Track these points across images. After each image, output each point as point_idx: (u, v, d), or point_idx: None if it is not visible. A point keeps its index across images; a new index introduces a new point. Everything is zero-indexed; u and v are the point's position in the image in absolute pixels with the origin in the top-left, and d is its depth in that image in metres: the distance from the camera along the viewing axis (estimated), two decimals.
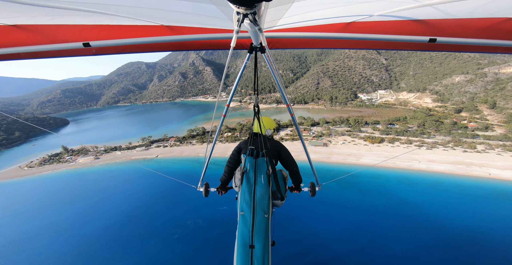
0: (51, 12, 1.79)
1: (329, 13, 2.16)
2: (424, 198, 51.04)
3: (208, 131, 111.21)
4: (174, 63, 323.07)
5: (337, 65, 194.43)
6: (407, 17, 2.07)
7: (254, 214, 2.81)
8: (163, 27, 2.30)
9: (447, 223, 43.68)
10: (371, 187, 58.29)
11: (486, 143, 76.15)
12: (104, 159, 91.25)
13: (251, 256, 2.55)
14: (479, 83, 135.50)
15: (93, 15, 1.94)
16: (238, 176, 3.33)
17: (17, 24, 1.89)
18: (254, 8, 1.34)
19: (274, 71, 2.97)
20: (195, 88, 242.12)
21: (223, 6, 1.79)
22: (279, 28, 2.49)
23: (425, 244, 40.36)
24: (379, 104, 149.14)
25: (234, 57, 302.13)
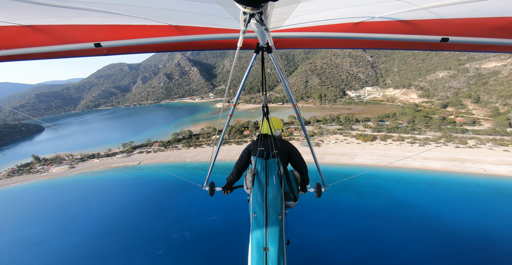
0: (63, 13, 1.84)
1: (336, 13, 2.14)
2: (423, 198, 49.19)
3: (195, 134, 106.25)
4: (159, 64, 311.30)
5: (324, 63, 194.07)
6: (418, 17, 2.04)
7: (267, 216, 2.77)
8: (171, 27, 2.32)
9: (450, 225, 41.84)
10: (368, 188, 55.86)
11: (476, 137, 76.49)
12: (81, 167, 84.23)
13: (265, 258, 2.51)
14: (462, 78, 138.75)
15: (103, 15, 1.98)
16: (249, 178, 3.24)
17: (32, 24, 1.93)
18: (260, 8, 1.35)
19: (280, 71, 2.89)
20: (182, 89, 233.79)
21: (229, 7, 1.83)
22: (286, 28, 2.47)
23: (431, 249, 38.16)
24: (367, 101, 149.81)
25: (221, 57, 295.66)
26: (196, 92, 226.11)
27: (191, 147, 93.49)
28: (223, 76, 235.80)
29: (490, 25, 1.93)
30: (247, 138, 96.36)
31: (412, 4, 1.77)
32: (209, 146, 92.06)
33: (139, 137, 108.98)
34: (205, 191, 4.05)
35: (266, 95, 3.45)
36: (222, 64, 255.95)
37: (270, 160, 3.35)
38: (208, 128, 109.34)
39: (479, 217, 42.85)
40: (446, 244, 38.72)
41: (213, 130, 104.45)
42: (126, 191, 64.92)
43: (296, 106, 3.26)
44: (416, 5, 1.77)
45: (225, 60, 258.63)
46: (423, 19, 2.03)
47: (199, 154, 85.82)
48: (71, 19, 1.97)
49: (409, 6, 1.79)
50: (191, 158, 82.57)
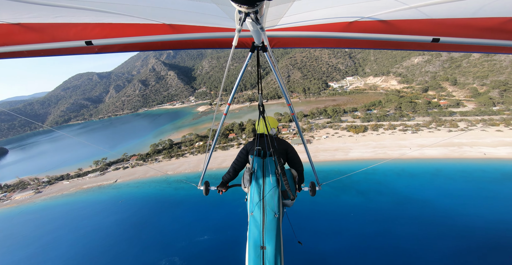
0: (54, 11, 1.82)
1: (330, 12, 2.17)
2: (429, 191, 45.59)
3: (176, 143, 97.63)
4: (133, 71, 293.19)
5: (304, 56, 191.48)
6: (409, 17, 2.06)
7: (264, 214, 2.77)
8: (165, 25, 2.29)
9: (465, 220, 38.08)
10: (369, 185, 51.66)
11: (465, 119, 75.68)
12: (48, 192, 75.76)
13: (262, 257, 2.51)
14: (437, 62, 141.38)
15: (95, 14, 1.97)
16: (246, 177, 3.27)
17: (21, 23, 1.91)
18: (256, 7, 1.35)
19: (276, 70, 2.89)
20: (159, 95, 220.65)
21: (224, 5, 1.84)
22: (281, 27, 2.47)
23: (449, 249, 33.96)
24: (351, 90, 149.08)
25: (199, 58, 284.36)
26: (176, 97, 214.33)
27: (173, 158, 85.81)
28: (203, 78, 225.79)
29: (481, 26, 1.93)
30: (233, 141, 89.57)
31: (403, 3, 1.78)
32: (193, 155, 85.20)
33: (115, 152, 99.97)
34: (200, 192, 4.12)
35: (262, 94, 3.50)
36: (201, 66, 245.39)
37: (267, 159, 3.35)
38: (190, 135, 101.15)
39: (494, 207, 39.64)
40: (465, 240, 34.87)
41: (196, 137, 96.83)
42: (101, 214, 57.64)
43: (291, 105, 3.21)
44: (406, 4, 1.78)
45: (204, 62, 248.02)
46: (415, 19, 2.04)
47: (182, 165, 78.68)
48: (62, 18, 1.94)
49: (400, 5, 1.80)
50: (174, 170, 75.44)
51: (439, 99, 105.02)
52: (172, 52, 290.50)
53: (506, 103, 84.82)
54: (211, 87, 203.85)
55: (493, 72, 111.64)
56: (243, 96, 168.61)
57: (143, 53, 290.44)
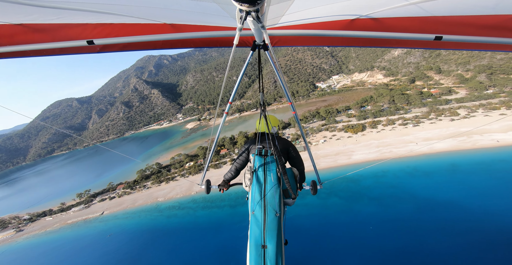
0: (56, 13, 1.86)
1: (331, 10, 2.16)
2: (453, 191, 40.40)
3: (165, 166, 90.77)
4: (114, 93, 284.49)
5: (288, 60, 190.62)
6: (412, 14, 2.04)
7: (265, 213, 2.76)
8: (166, 25, 2.31)
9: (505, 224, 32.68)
10: (382, 190, 46.21)
11: (464, 106, 72.92)
12: (30, 229, 71.47)
13: (263, 256, 2.51)
14: (416, 53, 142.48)
15: (97, 15, 2.01)
16: (248, 176, 3.29)
17: (23, 23, 1.94)
18: (257, 6, 1.35)
19: (277, 69, 2.90)
20: (145, 116, 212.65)
21: (225, 4, 1.86)
22: (282, 25, 2.48)
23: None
24: (339, 89, 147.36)
25: (183, 73, 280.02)
26: (163, 116, 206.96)
27: (163, 183, 79.08)
28: (189, 93, 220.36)
29: (484, 24, 1.90)
30: (225, 158, 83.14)
31: (405, 0, 1.76)
32: (184, 177, 78.81)
33: (100, 181, 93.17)
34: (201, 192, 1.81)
35: (263, 93, 3.59)
36: (185, 81, 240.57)
37: (268, 158, 3.32)
38: (179, 156, 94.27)
39: None
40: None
41: (185, 158, 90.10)
42: (88, 250, 52.86)
43: (293, 103, 3.20)
44: (408, 1, 1.76)
45: (187, 76, 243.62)
46: (417, 16, 2.02)
47: (174, 190, 72.43)
48: (64, 18, 1.97)
49: (402, 2, 1.78)
50: (165, 196, 69.52)
51: (429, 88, 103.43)
52: (154, 70, 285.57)
53: (499, 86, 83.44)
54: (198, 101, 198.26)
55: (473, 57, 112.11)
56: (231, 108, 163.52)
57: (123, 73, 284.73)
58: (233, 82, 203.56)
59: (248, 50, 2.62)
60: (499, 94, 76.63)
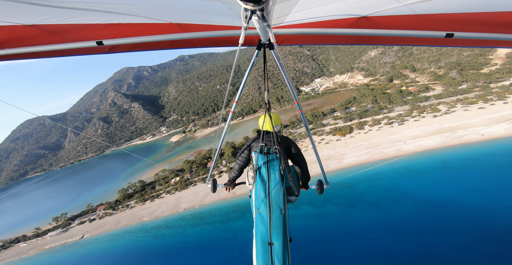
0: (66, 13, 1.89)
1: (337, 8, 2.13)
2: (450, 189, 39.92)
3: (149, 183, 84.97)
4: (91, 108, 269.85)
5: (270, 65, 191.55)
6: (422, 11, 2.00)
7: (270, 211, 2.79)
8: (172, 25, 2.33)
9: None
10: (378, 194, 44.86)
11: (443, 102, 75.22)
12: (4, 257, 67.76)
13: (271, 253, 2.54)
14: (391, 53, 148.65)
15: (105, 15, 2.02)
16: (251, 174, 3.25)
17: (35, 24, 1.97)
18: (262, 5, 1.34)
19: (283, 68, 2.88)
20: (126, 131, 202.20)
21: (231, 3, 1.87)
22: (288, 24, 2.45)
23: None
24: (323, 92, 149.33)
25: (164, 84, 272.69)
26: (145, 130, 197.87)
27: (147, 201, 74.39)
28: (171, 105, 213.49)
29: (496, 21, 1.87)
30: (213, 171, 78.79)
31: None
32: (170, 194, 74.31)
33: (78, 203, 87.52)
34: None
35: (268, 92, 3.64)
36: (167, 93, 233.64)
37: (271, 156, 3.35)
38: (163, 171, 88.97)
39: None
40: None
41: (171, 173, 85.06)
42: None
43: (298, 102, 3.21)
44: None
45: (169, 88, 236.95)
46: (428, 14, 1.98)
47: (159, 208, 68.40)
48: (74, 19, 2.00)
49: (408, 0, 1.75)
50: (150, 215, 65.70)
51: (407, 86, 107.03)
52: (134, 82, 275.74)
53: (471, 81, 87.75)
54: (182, 113, 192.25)
55: (443, 55, 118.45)
56: (216, 118, 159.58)
57: (99, 87, 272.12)
58: (217, 91, 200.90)
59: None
60: (473, 89, 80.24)
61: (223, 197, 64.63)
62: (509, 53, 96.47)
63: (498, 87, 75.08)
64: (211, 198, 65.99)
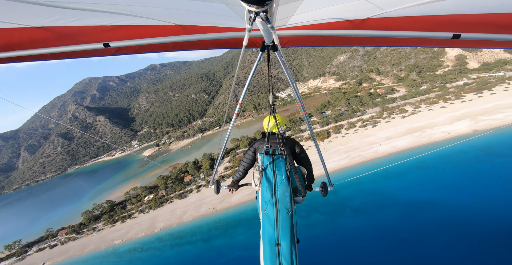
0: (73, 14, 1.91)
1: (342, 9, 2.13)
2: (429, 189, 40.89)
3: (118, 203, 77.64)
4: (49, 124, 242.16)
5: (245, 72, 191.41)
6: (428, 13, 1.99)
7: (277, 212, 2.81)
8: (177, 26, 2.35)
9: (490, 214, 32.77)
10: (362, 199, 44.56)
11: (408, 102, 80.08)
12: None
13: (278, 254, 2.56)
14: (358, 57, 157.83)
15: (111, 16, 2.05)
16: (256, 175, 3.26)
17: (43, 26, 1.99)
18: (265, 6, 1.36)
19: (287, 69, 2.91)
20: (91, 148, 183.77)
21: (234, 5, 1.87)
22: (292, 25, 2.47)
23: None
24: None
25: (134, 95, 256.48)
26: (114, 146, 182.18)
27: (118, 222, 67.92)
28: (143, 117, 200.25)
29: (504, 21, 1.87)
30: (190, 185, 73.78)
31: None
32: (143, 213, 68.41)
33: (36, 228, 78.71)
34: None
35: (273, 93, 3.62)
36: (137, 104, 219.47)
37: (276, 157, 3.37)
38: (134, 189, 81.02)
39: (499, 191, 36.07)
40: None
41: (143, 190, 77.80)
42: None
43: (302, 104, 3.22)
44: (420, 0, 1.72)
45: (140, 99, 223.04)
46: (434, 15, 1.98)
47: (132, 229, 62.63)
48: (81, 20, 2.02)
49: (414, 1, 1.75)
50: (122, 238, 60.08)
51: (375, 89, 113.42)
52: (98, 93, 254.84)
53: (430, 82, 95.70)
54: (155, 125, 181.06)
55: (403, 58, 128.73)
56: (193, 128, 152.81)
57: (58, 100, 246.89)
58: (192, 100, 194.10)
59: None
60: (432, 89, 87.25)
61: (203, 213, 60.40)
62: (458, 55, 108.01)
63: (454, 87, 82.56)
64: (190, 215, 61.38)
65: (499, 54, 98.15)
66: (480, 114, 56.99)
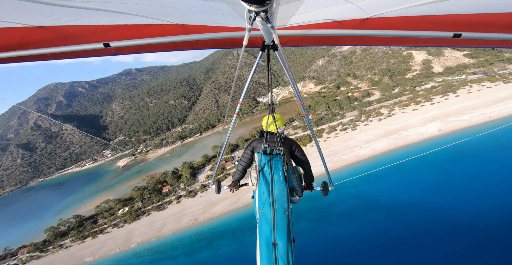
0: (73, 13, 1.92)
1: (342, 9, 2.16)
2: (410, 191, 41.64)
3: (88, 217, 71.80)
4: (7, 134, 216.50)
5: (227, 77, 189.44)
6: (428, 12, 2.02)
7: (274, 211, 2.82)
8: (177, 26, 2.34)
9: (472, 214, 33.77)
10: (347, 204, 44.32)
11: (384, 105, 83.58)
12: None
13: (275, 253, 2.58)
14: (335, 62, 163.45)
15: (111, 15, 2.04)
16: (254, 175, 3.31)
17: (43, 25, 1.99)
18: (265, 6, 1.37)
19: (287, 69, 2.90)
20: (57, 159, 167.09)
21: (235, 5, 1.89)
22: (292, 25, 2.48)
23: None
24: (280, 102, 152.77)
25: (107, 101, 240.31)
26: (84, 156, 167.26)
27: (88, 238, 62.86)
28: (117, 124, 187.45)
29: (504, 21, 1.90)
30: (170, 196, 69.24)
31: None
32: (117, 227, 63.62)
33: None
34: None
35: (272, 93, 3.67)
36: (111, 111, 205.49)
37: (274, 157, 3.37)
38: (107, 202, 74.43)
39: (481, 192, 37.55)
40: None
41: (117, 203, 71.75)
42: None
43: (303, 104, 3.18)
44: (421, 0, 1.75)
45: (113, 105, 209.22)
46: (435, 15, 2.01)
47: (105, 244, 58.12)
48: (81, 20, 2.02)
49: (415, 1, 1.77)
50: (94, 255, 55.65)
51: (352, 92, 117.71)
52: (65, 100, 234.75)
53: (401, 85, 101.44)
54: (130, 133, 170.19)
55: (376, 63, 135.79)
56: (172, 136, 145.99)
57: (17, 108, 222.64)
58: (170, 106, 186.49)
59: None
60: (403, 92, 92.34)
61: (184, 225, 56.84)
62: (425, 60, 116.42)
63: (423, 90, 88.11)
64: (170, 228, 57.39)
65: (459, 59, 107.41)
66: (449, 116, 61.03)
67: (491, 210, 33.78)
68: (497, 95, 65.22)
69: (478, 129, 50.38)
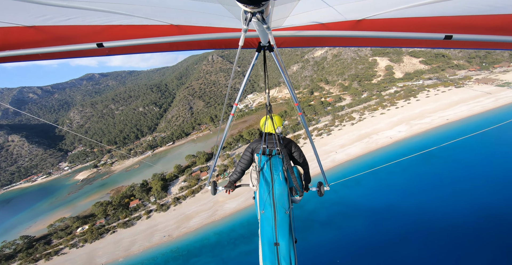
0: (66, 13, 1.90)
1: (336, 10, 2.18)
2: (385, 195, 42.29)
3: (40, 237, 63.08)
4: None
5: (201, 83, 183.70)
6: (421, 14, 2.06)
7: (275, 211, 2.83)
8: (172, 26, 2.34)
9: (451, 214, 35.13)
10: (327, 211, 43.76)
11: (355, 110, 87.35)
12: None
13: (277, 253, 2.60)
14: (308, 67, 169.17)
15: (105, 15, 2.03)
16: (254, 175, 3.31)
17: (35, 25, 1.97)
18: (261, 7, 1.38)
19: (282, 70, 2.91)
20: (3, 173, 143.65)
21: (230, 5, 1.89)
22: (287, 26, 2.51)
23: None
24: (256, 107, 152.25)
25: (64, 109, 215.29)
26: (36, 169, 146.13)
27: (40, 261, 55.20)
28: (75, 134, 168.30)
29: (495, 23, 1.93)
30: (138, 211, 62.77)
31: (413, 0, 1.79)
32: (76, 247, 56.93)
33: None
34: None
35: (269, 94, 3.62)
36: (68, 119, 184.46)
37: (273, 157, 3.39)
38: (62, 220, 65.32)
39: (450, 192, 39.59)
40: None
41: (75, 221, 63.36)
42: None
43: (298, 104, 3.24)
44: (417, 1, 1.78)
45: (71, 113, 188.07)
46: (427, 16, 2.05)
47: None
48: (74, 20, 2.00)
49: (411, 1, 1.80)
50: None
51: (325, 97, 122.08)
52: (12, 108, 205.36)
53: (368, 90, 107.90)
54: (92, 143, 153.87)
55: (346, 68, 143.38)
56: (141, 145, 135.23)
57: None
58: (140, 114, 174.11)
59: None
60: (371, 97, 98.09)
61: (156, 243, 51.46)
62: (387, 66, 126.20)
63: (387, 94, 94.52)
64: (140, 246, 51.81)
65: (416, 65, 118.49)
66: (412, 119, 65.83)
67: (463, 207, 36.14)
68: (451, 99, 72.71)
69: (438, 132, 55.01)
